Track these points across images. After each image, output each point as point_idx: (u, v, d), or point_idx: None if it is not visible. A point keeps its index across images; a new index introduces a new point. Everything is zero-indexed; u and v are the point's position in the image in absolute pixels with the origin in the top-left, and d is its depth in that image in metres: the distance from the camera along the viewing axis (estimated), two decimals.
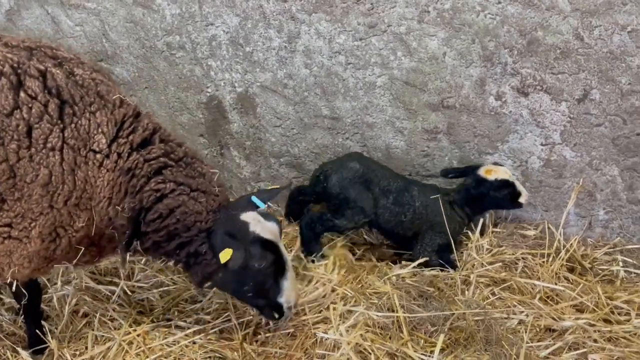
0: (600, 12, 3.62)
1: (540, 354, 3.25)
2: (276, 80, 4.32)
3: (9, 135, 2.74)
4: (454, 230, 4.04)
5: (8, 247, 2.90)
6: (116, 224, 3.01)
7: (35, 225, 2.87)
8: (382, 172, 4.07)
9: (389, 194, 4.03)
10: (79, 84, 2.91)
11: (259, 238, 3.13)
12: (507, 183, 3.93)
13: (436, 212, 4.01)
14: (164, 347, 3.45)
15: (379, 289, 3.75)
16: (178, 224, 3.04)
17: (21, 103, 2.77)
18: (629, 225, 4.13)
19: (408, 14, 3.91)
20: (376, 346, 3.22)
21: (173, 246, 3.10)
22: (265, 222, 3.17)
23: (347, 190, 3.96)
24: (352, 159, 4.05)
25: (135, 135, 2.99)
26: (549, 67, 3.84)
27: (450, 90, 4.05)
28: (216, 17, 4.24)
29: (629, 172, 3.98)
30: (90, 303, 3.78)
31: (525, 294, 3.72)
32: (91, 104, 2.91)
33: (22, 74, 2.80)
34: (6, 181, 2.77)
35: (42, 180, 2.80)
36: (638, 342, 3.32)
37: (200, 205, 3.07)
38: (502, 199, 3.96)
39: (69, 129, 2.84)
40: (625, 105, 3.81)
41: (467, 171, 4.04)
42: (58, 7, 4.48)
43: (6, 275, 2.99)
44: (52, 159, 2.81)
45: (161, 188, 3.00)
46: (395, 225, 4.06)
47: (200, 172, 3.12)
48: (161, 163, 3.02)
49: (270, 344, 3.48)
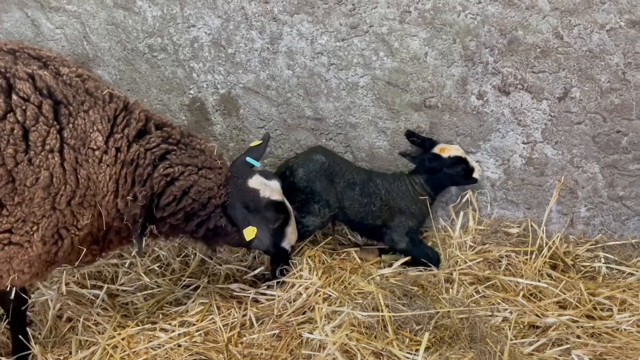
0: (580, 11, 3.64)
1: (524, 350, 3.28)
2: (259, 81, 4.30)
3: (4, 139, 2.72)
4: (420, 210, 4.11)
5: (8, 253, 2.87)
6: (129, 214, 3.07)
7: (38, 228, 2.86)
8: (346, 165, 4.11)
9: (355, 186, 4.06)
10: (67, 83, 2.93)
11: (271, 202, 3.42)
12: (460, 159, 4.00)
13: (401, 195, 4.09)
14: (149, 350, 3.46)
15: (363, 289, 3.76)
16: (194, 204, 3.17)
17: (14, 106, 2.76)
18: (610, 221, 4.16)
19: (389, 14, 3.91)
20: (362, 346, 3.23)
21: (192, 226, 3.24)
22: (270, 183, 3.44)
23: (314, 184, 3.97)
24: (317, 152, 4.06)
25: (130, 128, 3.04)
26: (529, 66, 3.85)
27: (432, 90, 4.06)
28: (198, 19, 4.22)
29: (610, 169, 4.00)
30: (74, 307, 3.76)
31: (509, 292, 3.75)
32: (83, 103, 2.93)
33: (11, 77, 2.79)
34: (5, 186, 2.75)
35: (43, 183, 2.80)
36: (620, 337, 3.36)
37: (210, 182, 3.20)
38: (456, 175, 4.04)
39: (67, 129, 2.85)
40: (604, 103, 3.83)
41: (425, 143, 4.08)
42: (38, 10, 4.43)
43: (5, 282, 2.96)
44: (52, 160, 2.81)
45: (170, 172, 3.10)
46: (365, 215, 4.09)
47: (200, 150, 3.23)
48: (163, 149, 3.10)
49: (255, 345, 3.47)
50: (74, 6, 4.38)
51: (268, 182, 3.46)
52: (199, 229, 3.27)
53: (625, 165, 3.95)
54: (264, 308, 3.73)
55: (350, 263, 4.13)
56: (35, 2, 4.43)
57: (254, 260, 4.25)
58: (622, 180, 4.00)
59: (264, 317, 3.65)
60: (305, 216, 3.98)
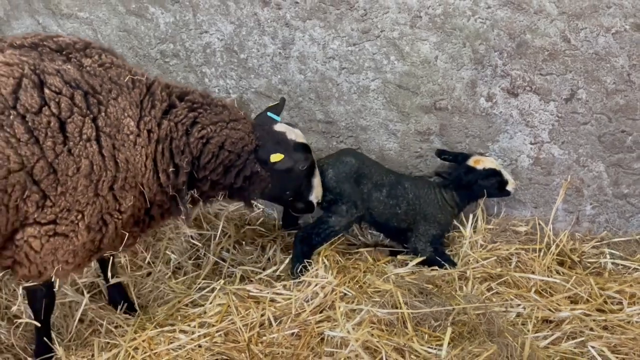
0: (586, 15, 3.76)
1: (540, 344, 3.35)
2: (271, 86, 4.38)
3: (42, 132, 2.82)
4: (446, 219, 4.20)
5: (53, 244, 2.97)
6: (177, 182, 3.26)
7: (83, 216, 2.97)
8: (375, 168, 4.18)
9: (382, 188, 4.13)
10: (92, 74, 3.04)
11: (298, 143, 3.59)
12: (495, 172, 4.08)
13: (429, 202, 4.17)
14: (169, 351, 3.48)
15: (379, 287, 3.84)
16: (231, 155, 3.37)
17: (48, 99, 2.86)
18: (614, 219, 4.28)
19: (401, 19, 4.01)
20: (384, 342, 3.29)
21: (231, 177, 3.44)
22: (293, 129, 3.64)
23: (343, 185, 4.03)
24: (347, 154, 4.14)
25: (156, 110, 3.20)
26: (537, 69, 3.96)
27: (442, 92, 4.16)
28: (210, 25, 4.30)
29: (614, 168, 4.12)
30: (96, 311, 3.78)
31: (521, 288, 3.83)
32: (111, 91, 3.06)
33: (41, 74, 2.89)
34: (47, 177, 2.84)
35: (84, 171, 2.91)
36: (633, 329, 3.46)
37: (240, 132, 3.39)
38: (490, 187, 4.11)
39: (101, 117, 2.97)
40: (610, 104, 3.95)
41: (458, 158, 4.17)
42: (49, 17, 4.49)
43: (50, 273, 3.06)
44: (91, 149, 2.93)
45: (204, 134, 3.29)
46: (389, 218, 4.17)
47: (222, 105, 3.43)
48: (191, 118, 3.27)
49: (276, 344, 3.52)
50: (86, 13, 4.44)
51: (291, 128, 3.66)
52: (237, 178, 3.47)
53: (629, 163, 4.08)
54: (281, 307, 3.77)
55: (364, 263, 4.20)
56: (47, 9, 4.48)
57: (268, 261, 4.32)
58: (626, 179, 4.13)
59: (282, 317, 3.69)
60: (332, 216, 4.05)
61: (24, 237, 2.94)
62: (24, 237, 2.94)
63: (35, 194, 2.86)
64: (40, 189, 2.87)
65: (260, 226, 4.67)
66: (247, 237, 4.54)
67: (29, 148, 2.81)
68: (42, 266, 3.05)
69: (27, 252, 2.98)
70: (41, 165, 2.83)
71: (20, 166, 2.80)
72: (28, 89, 2.84)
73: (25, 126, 2.81)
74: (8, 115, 2.78)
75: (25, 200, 2.85)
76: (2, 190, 2.78)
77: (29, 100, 2.83)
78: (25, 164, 2.81)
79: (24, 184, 2.82)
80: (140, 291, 4.06)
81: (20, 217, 2.89)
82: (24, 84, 2.84)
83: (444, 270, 3.98)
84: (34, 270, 3.05)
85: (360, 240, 4.58)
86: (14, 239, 2.95)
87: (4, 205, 2.82)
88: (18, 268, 3.06)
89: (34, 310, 3.32)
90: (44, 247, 2.97)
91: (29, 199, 2.86)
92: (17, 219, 2.89)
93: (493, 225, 4.32)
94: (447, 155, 4.18)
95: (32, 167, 2.82)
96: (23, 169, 2.81)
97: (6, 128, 2.77)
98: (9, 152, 2.77)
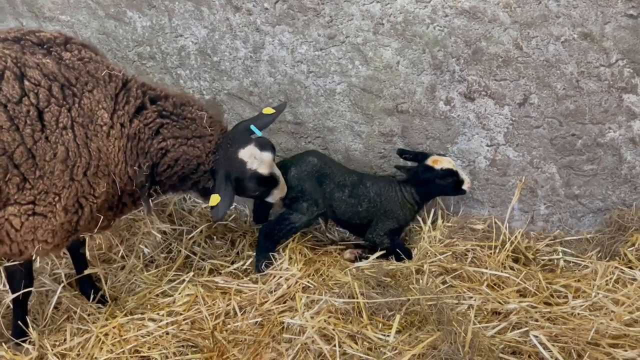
0: (537, 24, 3.93)
1: (487, 333, 3.51)
2: (242, 88, 4.57)
3: (22, 120, 3.05)
4: (405, 216, 4.36)
5: (33, 223, 3.20)
6: (137, 181, 3.44)
7: (60, 198, 3.20)
8: (337, 168, 4.33)
9: (345, 188, 4.28)
10: (70, 67, 3.24)
11: (254, 175, 3.67)
12: (451, 172, 4.21)
13: (389, 200, 4.32)
14: (138, 337, 3.63)
15: (340, 280, 4.01)
16: (185, 169, 3.54)
17: (27, 90, 3.09)
18: (567, 218, 4.44)
19: (364, 26, 4.20)
20: (339, 330, 3.44)
21: (187, 186, 3.65)
22: (261, 154, 3.67)
23: (304, 183, 4.18)
24: (311, 155, 4.30)
25: (129, 105, 3.38)
26: (492, 75, 4.13)
27: (403, 96, 4.34)
28: (185, 29, 4.49)
29: (566, 169, 4.29)
30: (70, 299, 3.95)
31: (474, 282, 3.98)
32: (87, 83, 3.26)
33: (22, 66, 3.11)
34: (26, 162, 3.07)
35: (60, 157, 3.14)
36: (574, 320, 3.60)
37: (198, 150, 3.53)
38: (447, 186, 4.25)
39: (74, 108, 3.18)
40: (560, 109, 4.12)
41: (418, 157, 4.31)
42: (33, 20, 4.68)
43: (31, 252, 3.29)
44: (66, 136, 3.15)
45: (164, 146, 3.45)
46: (351, 215, 4.33)
47: (191, 119, 3.55)
48: (157, 124, 3.44)
49: (239, 332, 3.68)
50: (67, 16, 4.63)
51: (260, 153, 3.67)
52: (193, 188, 3.69)
53: (580, 166, 4.26)
54: (247, 298, 3.95)
55: (329, 257, 4.39)
56: (30, 12, 4.67)
57: (237, 255, 4.50)
58: (577, 180, 4.30)
59: (247, 307, 3.87)
60: (293, 213, 4.21)
61: (5, 215, 3.18)
62: (5, 215, 3.18)
63: (15, 177, 3.10)
64: (20, 172, 3.10)
65: (231, 222, 4.86)
66: (218, 232, 4.72)
67: (10, 134, 3.04)
68: (22, 245, 3.27)
69: (8, 230, 3.21)
70: (21, 150, 3.06)
71: (3, 151, 3.04)
72: (10, 81, 3.07)
73: (7, 115, 3.04)
74: None
75: (6, 182, 3.09)
76: None
77: (11, 91, 3.06)
78: (6, 149, 3.04)
79: (5, 168, 3.06)
80: (114, 283, 4.22)
81: (2, 198, 3.13)
82: (6, 75, 3.07)
83: (402, 264, 4.15)
84: (15, 248, 3.28)
85: (327, 237, 4.77)
86: None
87: None
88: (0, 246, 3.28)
89: (12, 291, 3.51)
90: (24, 225, 3.20)
91: (10, 182, 3.10)
92: (0, 199, 3.12)
93: (451, 222, 4.47)
94: (407, 154, 4.33)
95: (12, 152, 3.06)
96: (5, 153, 3.04)
97: None
98: None
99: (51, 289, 3.98)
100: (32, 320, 3.71)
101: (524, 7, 3.90)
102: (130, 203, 3.65)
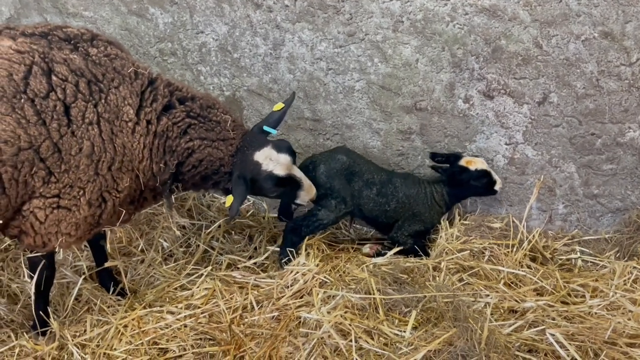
0: (557, 23, 3.93)
1: (503, 331, 3.52)
2: (262, 84, 4.61)
3: (48, 115, 3.11)
4: (432, 218, 4.40)
5: (57, 216, 3.27)
6: (161, 178, 3.50)
7: (84, 192, 3.27)
8: (367, 166, 4.35)
9: (373, 186, 4.30)
10: (97, 63, 3.30)
11: (270, 176, 3.69)
12: (486, 173, 4.27)
13: (418, 201, 4.35)
14: (157, 330, 3.69)
15: (357, 276, 4.04)
16: (207, 170, 3.60)
17: (55, 85, 3.15)
18: (585, 218, 4.43)
19: (384, 23, 4.22)
20: (355, 325, 3.47)
21: (208, 185, 3.71)
22: (278, 156, 3.70)
23: (333, 181, 4.20)
24: (340, 152, 4.32)
25: (157, 103, 3.43)
26: (511, 73, 4.13)
27: (422, 94, 4.35)
28: (206, 26, 4.54)
29: (585, 169, 4.28)
30: (91, 291, 4.02)
31: (491, 280, 3.99)
32: (113, 80, 3.31)
33: (50, 62, 3.17)
34: (52, 156, 3.14)
35: (86, 152, 3.20)
36: (591, 319, 3.61)
37: (221, 152, 3.60)
38: (480, 187, 4.30)
39: (101, 104, 3.23)
40: (580, 108, 4.12)
41: (450, 158, 4.34)
42: (57, 16, 4.75)
43: (54, 244, 3.36)
44: (92, 132, 3.21)
45: (191, 146, 3.51)
46: (379, 214, 4.36)
47: (216, 122, 3.61)
48: (186, 123, 3.50)
49: (256, 325, 3.72)
50: (90, 12, 4.70)
51: (277, 155, 3.71)
52: (214, 187, 3.76)
53: (599, 165, 4.24)
54: (264, 292, 4.00)
55: (347, 254, 4.41)
56: (54, 8, 4.75)
57: (254, 250, 4.54)
58: (596, 180, 4.29)
59: (264, 301, 3.92)
60: (321, 209, 4.22)
61: (30, 207, 3.25)
62: (30, 208, 3.25)
63: (41, 171, 3.17)
64: (46, 166, 3.17)
65: (249, 218, 4.90)
66: (236, 228, 4.77)
67: (37, 129, 3.11)
68: (46, 237, 3.35)
69: (33, 222, 3.28)
70: (47, 144, 3.13)
71: (29, 145, 3.10)
72: (37, 76, 3.13)
73: (34, 109, 3.11)
74: (20, 99, 3.08)
75: (32, 175, 3.16)
76: (13, 166, 3.09)
77: (38, 86, 3.12)
78: (33, 143, 3.11)
79: (32, 161, 3.12)
80: (133, 276, 4.27)
81: (28, 190, 3.20)
82: (34, 70, 3.14)
83: (419, 261, 4.17)
84: (39, 240, 3.36)
85: (345, 234, 4.80)
86: (21, 210, 3.26)
87: (15, 179, 3.12)
88: (24, 237, 3.37)
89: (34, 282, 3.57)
90: (48, 217, 3.27)
91: (36, 175, 3.16)
92: (26, 192, 3.20)
93: (469, 220, 4.47)
94: (440, 157, 4.36)
95: (39, 146, 3.12)
96: (31, 147, 3.11)
97: (17, 110, 3.07)
98: (20, 131, 3.07)
99: (72, 280, 4.05)
100: (53, 311, 3.77)
101: (545, 6, 3.89)
102: (151, 198, 3.71)
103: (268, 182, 3.73)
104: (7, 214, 3.24)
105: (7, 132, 3.04)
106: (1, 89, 3.05)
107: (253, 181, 3.69)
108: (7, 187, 3.12)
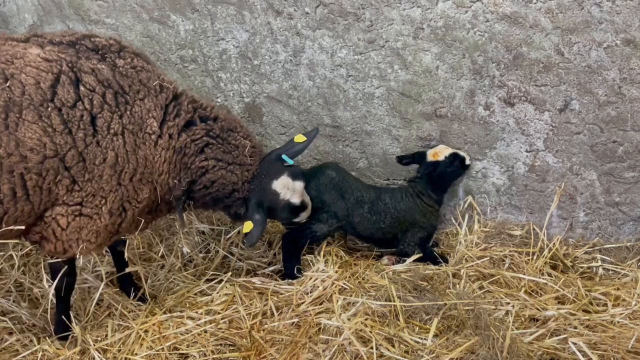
0: (579, 30, 3.91)
1: (525, 339, 3.50)
2: (282, 91, 4.63)
3: (75, 124, 3.14)
4: (430, 222, 4.39)
5: (79, 223, 3.30)
6: (175, 194, 3.51)
7: (106, 202, 3.29)
8: (355, 184, 4.35)
9: (364, 204, 4.31)
10: (123, 74, 3.32)
11: (288, 205, 3.79)
12: (454, 155, 4.32)
13: (411, 211, 4.35)
14: (177, 335, 3.70)
15: (376, 283, 4.04)
16: (219, 192, 3.61)
17: (82, 95, 3.17)
18: (606, 226, 4.39)
19: (404, 30, 4.23)
20: (375, 332, 3.47)
21: (219, 207, 3.74)
22: (294, 184, 3.77)
23: (323, 195, 4.23)
24: (329, 168, 4.34)
25: (180, 118, 3.45)
26: (532, 80, 4.12)
27: (442, 100, 4.35)
28: (227, 33, 4.57)
29: (606, 176, 4.25)
30: (112, 296, 4.05)
31: (512, 288, 3.98)
32: (138, 92, 3.33)
33: (78, 71, 3.20)
34: (76, 165, 3.17)
35: (110, 162, 3.23)
36: (614, 328, 3.59)
37: (236, 177, 3.62)
38: (456, 170, 4.36)
39: (126, 115, 3.25)
40: (602, 115, 4.09)
41: (416, 157, 4.39)
42: (79, 23, 4.80)
43: (75, 250, 3.39)
44: (117, 142, 3.23)
45: (205, 165, 3.52)
46: (375, 231, 4.37)
47: (235, 145, 3.62)
48: (204, 142, 3.51)
49: (276, 332, 3.73)
50: (112, 19, 4.74)
51: (292, 183, 3.80)
52: (224, 210, 3.79)
53: (620, 173, 4.21)
54: (283, 299, 4.00)
55: (365, 261, 4.41)
56: (77, 15, 4.80)
57: (274, 257, 4.55)
58: (618, 187, 4.26)
59: (283, 307, 3.92)
60: (315, 223, 4.24)
61: (53, 214, 3.28)
62: (52, 214, 3.28)
63: (65, 179, 3.20)
64: (71, 175, 3.20)
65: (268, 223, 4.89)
66: None
67: (63, 137, 3.14)
68: (67, 243, 3.38)
69: (54, 228, 3.32)
70: (72, 153, 3.16)
71: (55, 153, 3.13)
72: (65, 85, 3.16)
73: (61, 118, 3.13)
74: (47, 107, 3.11)
75: (57, 183, 3.19)
76: (38, 173, 3.12)
77: (66, 95, 3.15)
78: (59, 151, 3.14)
79: (57, 169, 3.16)
80: (153, 282, 4.30)
81: (51, 198, 3.23)
82: (62, 79, 3.16)
83: (439, 269, 4.16)
84: (60, 246, 3.39)
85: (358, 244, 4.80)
86: (43, 217, 3.29)
87: (39, 187, 3.16)
88: (45, 244, 3.40)
89: (55, 287, 3.60)
90: (70, 225, 3.30)
91: (60, 183, 3.20)
92: (49, 199, 3.23)
93: (489, 227, 4.47)
94: (406, 160, 4.41)
95: (64, 155, 3.15)
96: (57, 155, 3.14)
97: (44, 119, 3.10)
98: (46, 140, 3.10)
99: (93, 285, 4.08)
100: (75, 315, 3.80)
101: (566, 13, 3.88)
102: (166, 210, 3.74)
103: (285, 211, 3.84)
104: (30, 219, 3.28)
105: (33, 140, 3.07)
106: (28, 96, 3.08)
107: (270, 209, 3.76)
108: (31, 194, 3.16)
